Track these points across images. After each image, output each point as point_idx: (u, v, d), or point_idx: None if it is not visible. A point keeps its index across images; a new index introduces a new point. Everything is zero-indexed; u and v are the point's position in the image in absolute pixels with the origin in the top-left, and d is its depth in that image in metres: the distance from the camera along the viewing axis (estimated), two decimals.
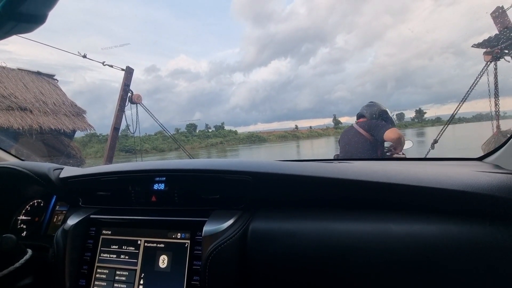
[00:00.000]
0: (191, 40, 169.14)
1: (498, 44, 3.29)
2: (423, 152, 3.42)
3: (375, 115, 2.55)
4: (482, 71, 3.42)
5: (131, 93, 5.97)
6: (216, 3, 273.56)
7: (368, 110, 2.60)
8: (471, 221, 0.60)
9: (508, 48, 3.21)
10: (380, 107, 2.60)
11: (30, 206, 1.03)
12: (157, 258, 0.74)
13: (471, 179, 0.65)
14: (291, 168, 0.78)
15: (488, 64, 3.40)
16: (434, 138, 3.84)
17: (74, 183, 0.93)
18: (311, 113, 49.85)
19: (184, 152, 6.93)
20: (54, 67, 10.64)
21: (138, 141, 7.10)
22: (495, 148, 0.96)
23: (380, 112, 2.56)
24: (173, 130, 17.73)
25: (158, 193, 0.85)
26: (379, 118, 2.54)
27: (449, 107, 2.10)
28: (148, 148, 7.23)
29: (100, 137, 12.53)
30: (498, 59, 3.37)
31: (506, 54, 3.28)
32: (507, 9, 3.27)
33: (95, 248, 0.79)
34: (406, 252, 0.59)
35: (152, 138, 6.59)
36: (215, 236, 0.69)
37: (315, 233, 0.66)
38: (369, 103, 2.70)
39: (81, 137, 10.79)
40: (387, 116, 2.60)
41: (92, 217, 0.83)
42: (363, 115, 2.62)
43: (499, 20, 3.23)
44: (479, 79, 3.50)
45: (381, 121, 2.46)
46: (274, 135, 19.94)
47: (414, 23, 72.66)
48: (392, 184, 0.68)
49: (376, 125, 2.40)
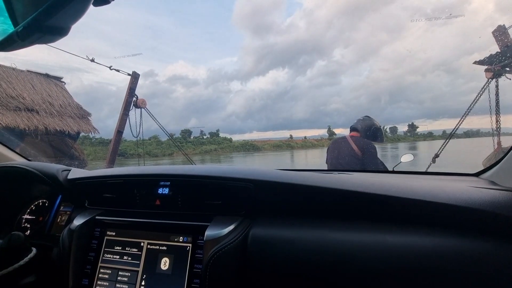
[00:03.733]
0: (190, 47, 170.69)
1: (499, 62, 3.34)
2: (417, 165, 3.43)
3: (368, 132, 2.62)
4: (484, 87, 3.46)
5: (136, 97, 6.06)
6: (217, 13, 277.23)
7: (363, 124, 2.67)
8: (464, 235, 0.62)
9: (509, 66, 3.25)
10: (374, 124, 2.68)
11: (35, 206, 1.05)
12: (159, 260, 0.76)
13: (465, 194, 0.67)
14: (291, 177, 0.80)
15: (490, 81, 3.45)
16: (436, 152, 3.87)
17: (82, 185, 0.96)
18: (306, 124, 50.18)
19: (187, 158, 6.96)
20: (51, 68, 10.76)
21: (135, 145, 7.13)
22: (491, 164, 0.98)
23: (373, 129, 2.64)
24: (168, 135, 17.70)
25: (162, 197, 0.88)
26: (372, 134, 2.62)
27: (441, 122, 2.16)
28: (141, 153, 7.22)
29: (92, 140, 12.47)
30: (499, 76, 3.42)
31: (507, 72, 3.32)
32: (509, 27, 3.33)
33: (99, 249, 0.82)
34: (401, 263, 0.61)
35: (145, 142, 6.60)
36: (216, 240, 0.71)
37: (313, 241, 0.68)
38: (364, 117, 2.77)
39: None
40: (380, 133, 2.69)
41: (98, 218, 0.86)
42: (356, 128, 2.68)
43: (500, 38, 3.28)
44: (480, 95, 3.54)
45: (373, 148, 2.50)
46: (268, 144, 20.03)
47: (409, 41, 74.07)
48: (389, 197, 0.70)
49: (369, 150, 2.46)
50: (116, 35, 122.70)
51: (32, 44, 0.38)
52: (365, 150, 2.46)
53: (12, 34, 0.34)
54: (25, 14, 0.33)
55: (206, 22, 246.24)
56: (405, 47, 75.32)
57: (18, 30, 0.33)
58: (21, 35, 0.33)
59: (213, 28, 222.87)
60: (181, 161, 15.52)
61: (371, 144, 2.52)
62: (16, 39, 0.34)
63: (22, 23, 0.33)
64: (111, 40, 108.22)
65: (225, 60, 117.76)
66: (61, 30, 0.35)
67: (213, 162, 16.09)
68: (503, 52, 3.25)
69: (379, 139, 2.67)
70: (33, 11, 0.32)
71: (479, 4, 19.62)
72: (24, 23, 0.33)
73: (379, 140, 2.68)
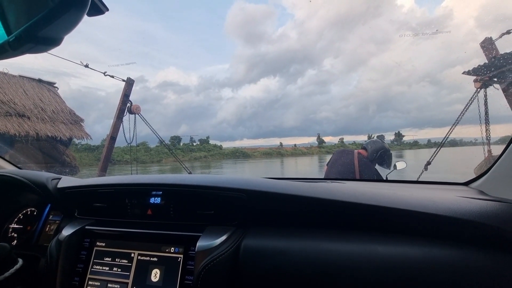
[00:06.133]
0: (182, 53, 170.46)
1: (487, 72, 3.45)
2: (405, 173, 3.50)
3: (375, 154, 2.55)
4: (473, 97, 3.56)
5: (130, 103, 6.03)
6: (210, 21, 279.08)
7: (372, 146, 2.60)
8: (452, 245, 0.63)
9: (496, 76, 3.36)
10: (384, 148, 2.60)
11: (23, 215, 1.02)
12: (149, 272, 0.74)
13: (454, 205, 0.68)
14: (284, 187, 0.80)
15: (478, 91, 3.55)
16: (428, 160, 3.94)
17: (71, 194, 0.94)
18: (296, 131, 50.75)
19: (182, 166, 6.89)
20: (37, 72, 10.58)
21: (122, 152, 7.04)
22: (480, 174, 1.00)
23: (381, 153, 2.56)
24: (156, 142, 17.72)
25: (154, 207, 0.87)
26: (379, 158, 2.55)
27: (426, 131, 2.19)
28: (129, 159, 7.13)
29: (78, 146, 12.28)
30: (487, 86, 3.52)
31: (494, 82, 3.43)
32: (495, 40, 3.46)
33: (88, 260, 0.80)
34: (392, 273, 0.61)
35: (134, 149, 6.54)
36: (208, 251, 0.70)
37: (305, 252, 0.68)
38: (376, 140, 2.73)
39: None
40: (388, 158, 2.59)
41: (87, 228, 0.84)
42: (365, 148, 2.62)
43: (487, 50, 3.40)
44: (470, 104, 3.64)
45: (374, 175, 2.45)
46: (258, 152, 20.19)
47: (396, 53, 76.47)
48: (379, 207, 0.71)
49: (369, 175, 2.41)
50: (108, 41, 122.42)
51: (24, 53, 0.38)
52: (362, 173, 2.40)
53: (3, 44, 0.33)
54: (18, 24, 0.33)
55: (199, 29, 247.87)
56: (392, 59, 77.66)
57: (10, 40, 0.33)
58: (12, 45, 0.33)
59: (206, 36, 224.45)
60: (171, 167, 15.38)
61: (373, 170, 2.46)
62: (8, 48, 0.33)
63: (14, 33, 0.33)
64: (101, 45, 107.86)
65: (217, 67, 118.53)
66: (53, 41, 0.35)
67: (202, 169, 16.07)
68: (491, 63, 3.37)
69: (385, 164, 2.59)
70: (26, 21, 0.32)
71: (461, 20, 20.58)
72: (16, 33, 0.32)
73: (385, 165, 2.59)
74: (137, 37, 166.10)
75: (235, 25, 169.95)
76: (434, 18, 37.98)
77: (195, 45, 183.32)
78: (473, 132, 4.01)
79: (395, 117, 39.04)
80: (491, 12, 12.63)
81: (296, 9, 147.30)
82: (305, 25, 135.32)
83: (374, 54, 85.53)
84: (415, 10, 63.03)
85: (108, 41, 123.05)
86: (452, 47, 18.66)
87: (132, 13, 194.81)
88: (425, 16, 52.16)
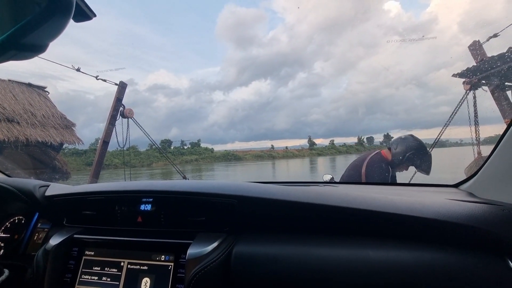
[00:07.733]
0: (172, 56, 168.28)
1: (476, 75, 3.53)
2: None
3: (402, 157, 2.01)
4: (462, 99, 3.64)
5: (123, 107, 5.97)
6: (200, 23, 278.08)
7: (398, 147, 2.05)
8: (443, 249, 0.63)
9: (485, 79, 3.44)
10: (414, 148, 2.01)
11: (10, 223, 0.99)
12: (139, 281, 0.73)
13: (443, 208, 0.69)
14: (275, 192, 0.80)
15: (468, 93, 3.63)
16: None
17: (60, 202, 0.92)
18: (288, 134, 50.93)
19: (177, 170, 6.84)
20: (22, 75, 10.37)
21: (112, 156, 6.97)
22: (470, 175, 1.02)
23: (410, 155, 1.99)
24: (147, 145, 17.63)
25: (144, 214, 0.85)
26: (407, 161, 2.02)
27: (414, 133, 2.08)
28: (118, 164, 7.05)
29: (65, 150, 12.10)
30: (476, 88, 3.60)
31: (483, 84, 3.52)
32: (483, 43, 3.54)
33: (76, 269, 0.78)
34: (383, 277, 0.61)
35: (124, 152, 6.49)
36: (199, 259, 0.69)
37: (296, 258, 0.68)
38: (405, 137, 2.10)
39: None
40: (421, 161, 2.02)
41: (76, 237, 0.82)
42: (390, 148, 2.14)
43: (476, 52, 3.48)
44: (460, 106, 3.72)
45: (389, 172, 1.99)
46: (250, 154, 20.22)
47: (383, 56, 77.91)
48: (370, 211, 0.71)
49: (377, 178, 1.99)
50: (96, 43, 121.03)
51: (7, 60, 0.37)
52: (369, 178, 1.99)
53: None
54: (1, 30, 0.32)
55: (189, 32, 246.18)
56: (380, 62, 79.07)
57: None
58: None
59: (196, 38, 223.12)
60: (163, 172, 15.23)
61: (384, 176, 1.98)
62: None
63: None
64: (90, 47, 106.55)
65: (208, 70, 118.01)
66: (37, 48, 0.34)
67: (193, 172, 15.95)
68: (480, 66, 3.45)
69: (420, 169, 1.99)
70: (10, 28, 0.31)
71: (445, 25, 21.25)
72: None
73: (421, 170, 2.01)
74: (127, 40, 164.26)
75: (226, 28, 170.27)
76: (420, 23, 39.07)
77: (186, 48, 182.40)
78: (463, 133, 4.09)
79: (383, 119, 39.81)
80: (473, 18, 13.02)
81: (286, 13, 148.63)
82: (295, 29, 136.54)
83: (363, 57, 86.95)
84: (402, 15, 64.50)
85: (97, 43, 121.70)
86: (438, 51, 19.18)
87: (122, 16, 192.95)
88: (411, 21, 53.39)
